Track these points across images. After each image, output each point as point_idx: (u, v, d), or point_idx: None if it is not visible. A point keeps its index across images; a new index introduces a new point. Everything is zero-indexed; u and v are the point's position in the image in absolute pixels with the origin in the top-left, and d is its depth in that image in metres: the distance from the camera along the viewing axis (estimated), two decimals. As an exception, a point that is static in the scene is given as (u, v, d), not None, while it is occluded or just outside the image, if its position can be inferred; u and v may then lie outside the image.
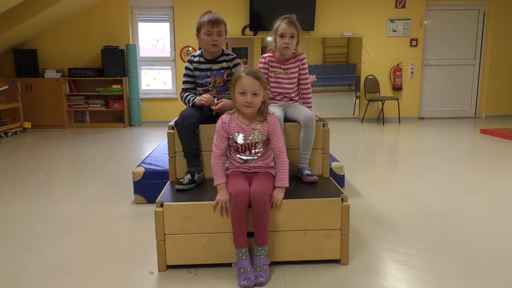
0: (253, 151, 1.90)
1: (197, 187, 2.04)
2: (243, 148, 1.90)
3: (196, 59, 2.32)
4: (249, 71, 1.83)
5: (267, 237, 1.75)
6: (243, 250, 1.74)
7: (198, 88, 2.35)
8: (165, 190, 2.00)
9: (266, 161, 1.93)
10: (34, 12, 5.67)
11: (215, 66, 2.29)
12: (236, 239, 1.73)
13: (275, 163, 1.93)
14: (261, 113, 1.89)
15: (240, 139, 1.88)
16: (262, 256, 1.75)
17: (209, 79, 2.29)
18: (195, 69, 2.31)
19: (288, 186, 1.85)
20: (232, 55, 2.33)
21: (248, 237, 1.75)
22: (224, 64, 2.30)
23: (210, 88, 2.30)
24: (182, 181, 2.00)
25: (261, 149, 1.91)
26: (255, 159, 1.91)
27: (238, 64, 2.31)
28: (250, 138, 1.88)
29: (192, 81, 2.34)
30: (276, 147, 1.89)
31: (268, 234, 1.76)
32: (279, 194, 1.81)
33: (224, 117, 1.91)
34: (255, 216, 1.72)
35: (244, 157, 1.91)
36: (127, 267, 1.86)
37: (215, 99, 2.25)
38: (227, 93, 2.31)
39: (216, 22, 2.19)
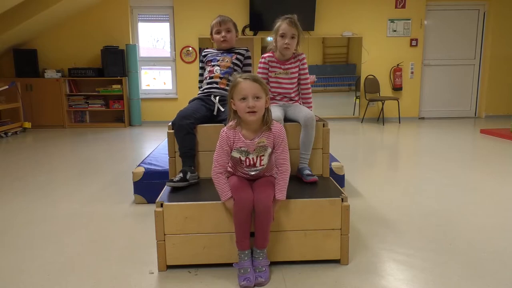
0: (258, 163, 1.81)
1: (197, 187, 2.05)
2: (248, 162, 1.82)
3: (209, 49, 2.52)
4: (247, 76, 1.74)
5: (267, 241, 1.75)
6: (246, 252, 1.74)
7: (206, 69, 2.44)
8: (165, 190, 2.00)
9: (270, 171, 1.90)
10: (34, 12, 5.68)
11: (227, 52, 2.45)
12: (239, 242, 1.73)
13: (276, 172, 1.84)
14: (265, 123, 1.76)
15: (244, 155, 1.79)
16: (261, 258, 1.75)
17: (218, 57, 2.41)
18: (206, 55, 2.48)
19: (284, 199, 1.79)
20: (245, 47, 2.51)
21: (250, 237, 1.75)
22: (236, 51, 2.46)
23: (216, 67, 2.38)
24: (173, 179, 2.02)
25: (266, 162, 1.83)
26: (260, 170, 1.84)
27: (249, 57, 2.47)
28: (254, 152, 1.78)
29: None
30: (280, 157, 1.79)
31: (268, 238, 1.75)
32: (277, 202, 1.77)
33: (228, 131, 1.77)
34: (257, 221, 1.72)
35: (249, 172, 1.85)
36: (127, 267, 1.86)
37: (218, 80, 2.36)
38: (230, 77, 2.36)
39: (223, 21, 2.42)
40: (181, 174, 2.04)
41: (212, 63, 2.39)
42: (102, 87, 6.59)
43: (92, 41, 6.61)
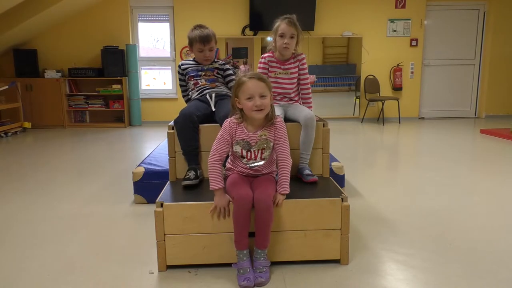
0: (258, 157, 1.85)
1: (197, 187, 2.05)
2: (249, 155, 1.85)
3: (186, 62, 2.45)
4: (251, 74, 1.77)
5: (268, 241, 1.75)
6: (244, 252, 1.73)
7: (189, 82, 2.42)
8: (165, 190, 2.00)
9: (271, 167, 1.92)
10: (34, 12, 5.67)
11: (206, 66, 2.42)
12: (238, 241, 1.73)
13: (278, 167, 1.90)
14: (269, 118, 1.81)
15: (246, 146, 1.83)
16: (262, 259, 1.74)
17: (200, 72, 2.38)
18: (185, 69, 2.43)
19: (288, 192, 1.84)
20: (223, 62, 2.49)
21: (249, 237, 1.75)
22: (216, 65, 2.43)
23: (201, 79, 2.38)
24: (188, 177, 2.03)
25: (268, 155, 1.87)
26: (261, 164, 1.87)
27: (228, 69, 2.45)
28: (256, 145, 1.83)
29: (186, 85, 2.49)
30: (281, 151, 1.84)
31: (269, 238, 1.75)
32: (280, 196, 1.81)
33: (231, 123, 1.82)
34: (258, 220, 1.72)
35: (250, 164, 1.87)
36: (127, 267, 1.86)
37: (207, 84, 2.37)
38: (217, 84, 2.40)
39: (206, 40, 2.31)
40: (193, 172, 2.06)
41: (195, 78, 2.39)
42: (102, 87, 6.58)
43: (92, 41, 6.60)
